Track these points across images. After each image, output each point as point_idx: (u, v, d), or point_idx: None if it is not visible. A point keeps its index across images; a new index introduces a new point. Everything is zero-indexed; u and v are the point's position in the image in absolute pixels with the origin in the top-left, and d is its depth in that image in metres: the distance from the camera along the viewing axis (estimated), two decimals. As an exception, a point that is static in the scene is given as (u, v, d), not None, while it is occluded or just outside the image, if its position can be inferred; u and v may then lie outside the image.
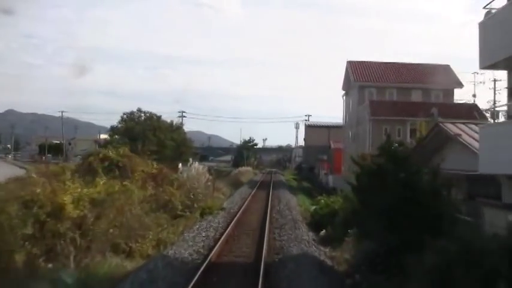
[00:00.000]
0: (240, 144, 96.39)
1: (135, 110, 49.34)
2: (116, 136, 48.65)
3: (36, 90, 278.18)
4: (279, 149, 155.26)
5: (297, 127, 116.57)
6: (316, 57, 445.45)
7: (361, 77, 43.71)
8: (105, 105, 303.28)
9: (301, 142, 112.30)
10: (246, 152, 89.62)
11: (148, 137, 46.27)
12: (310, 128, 78.98)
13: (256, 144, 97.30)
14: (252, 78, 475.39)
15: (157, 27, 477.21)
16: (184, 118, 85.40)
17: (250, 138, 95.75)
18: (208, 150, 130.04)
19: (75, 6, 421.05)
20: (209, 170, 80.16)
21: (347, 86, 47.98)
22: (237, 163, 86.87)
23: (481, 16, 13.34)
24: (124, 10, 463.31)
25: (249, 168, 76.31)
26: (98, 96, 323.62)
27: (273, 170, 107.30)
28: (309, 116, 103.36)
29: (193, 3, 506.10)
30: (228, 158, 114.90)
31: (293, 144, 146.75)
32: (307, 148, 79.95)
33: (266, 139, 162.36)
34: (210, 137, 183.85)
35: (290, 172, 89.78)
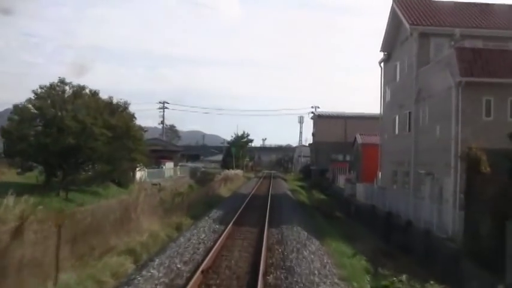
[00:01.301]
0: (230, 141, 77.35)
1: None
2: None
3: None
4: (279, 148, 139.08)
5: (301, 121, 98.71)
6: (317, 57, 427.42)
7: (423, 19, 25.82)
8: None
9: (306, 139, 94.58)
10: (237, 149, 70.90)
11: (64, 123, 28.18)
12: (321, 120, 60.75)
13: (251, 141, 78.53)
14: (252, 77, 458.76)
15: (157, 26, 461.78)
16: (176, 115, 68.08)
17: (244, 132, 76.99)
18: (202, 150, 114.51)
19: (75, 5, 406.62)
20: (193, 172, 62.34)
21: (391, 40, 30.12)
22: (226, 164, 68.76)
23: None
24: (123, 9, 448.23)
25: (239, 172, 57.77)
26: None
27: (273, 172, 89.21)
28: (316, 107, 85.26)
29: (191, 2, 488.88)
30: (220, 157, 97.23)
31: (294, 143, 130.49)
32: (316, 145, 61.82)
33: (266, 139, 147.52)
34: (204, 135, 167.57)
35: (294, 176, 71.57)
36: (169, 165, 52.80)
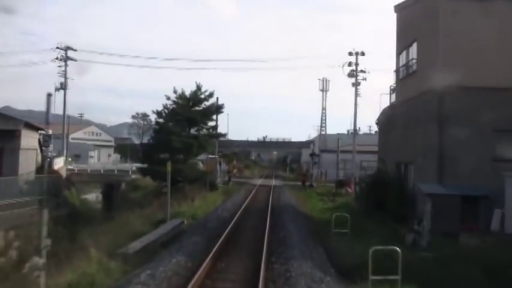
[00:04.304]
0: (168, 105, 31.73)
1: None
2: None
3: (34, 87, 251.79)
4: (281, 144, 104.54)
5: (324, 89, 56.94)
6: (316, 56, 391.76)
7: None
8: (105, 104, 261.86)
9: (329, 124, 53.38)
10: (175, 131, 26.65)
11: None
12: (465, 9, 17.14)
13: (219, 109, 33.33)
14: (252, 77, 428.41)
15: (155, 25, 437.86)
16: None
17: (200, 89, 31.58)
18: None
19: (74, 4, 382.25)
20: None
21: None
22: (152, 169, 26.75)
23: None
24: (121, 9, 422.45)
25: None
26: (98, 94, 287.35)
27: (273, 183, 47.20)
28: (358, 53, 42.77)
29: (188, 1, 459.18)
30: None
31: (293, 138, 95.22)
32: (454, 97, 18.52)
33: (266, 136, 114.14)
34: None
35: (328, 202, 28.48)
36: None
